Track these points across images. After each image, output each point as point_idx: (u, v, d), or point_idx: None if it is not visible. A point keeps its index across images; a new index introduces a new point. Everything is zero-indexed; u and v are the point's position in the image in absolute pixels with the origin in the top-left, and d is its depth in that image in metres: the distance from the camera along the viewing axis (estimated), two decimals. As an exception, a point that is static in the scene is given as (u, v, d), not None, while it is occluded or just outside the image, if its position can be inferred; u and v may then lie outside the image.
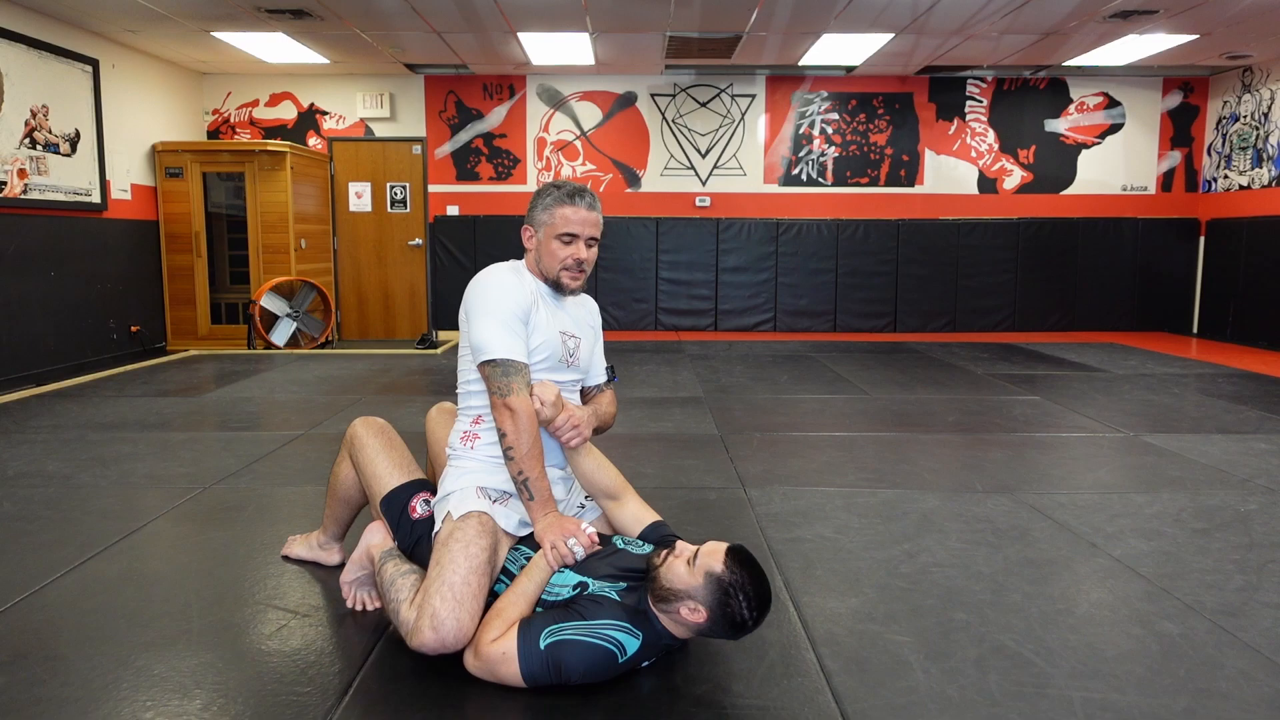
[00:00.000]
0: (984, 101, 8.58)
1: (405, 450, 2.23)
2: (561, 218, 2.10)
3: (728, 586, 1.71)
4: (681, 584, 1.73)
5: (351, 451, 2.23)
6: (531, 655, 1.70)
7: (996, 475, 3.39)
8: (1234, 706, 1.72)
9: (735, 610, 1.71)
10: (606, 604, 1.78)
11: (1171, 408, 4.76)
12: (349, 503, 2.32)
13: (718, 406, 4.74)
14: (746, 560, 1.76)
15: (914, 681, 1.81)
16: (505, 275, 2.11)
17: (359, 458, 2.20)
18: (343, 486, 2.29)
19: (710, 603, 1.71)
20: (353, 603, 2.17)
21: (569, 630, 1.72)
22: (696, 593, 1.72)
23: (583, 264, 2.14)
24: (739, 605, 1.71)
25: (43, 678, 1.80)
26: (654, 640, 1.77)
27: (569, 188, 2.13)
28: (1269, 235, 7.66)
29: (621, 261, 8.65)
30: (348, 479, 2.27)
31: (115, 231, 7.09)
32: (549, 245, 2.11)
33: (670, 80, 8.53)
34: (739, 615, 1.71)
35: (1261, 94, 7.79)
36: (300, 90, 8.52)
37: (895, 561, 2.48)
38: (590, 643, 1.70)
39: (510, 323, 2.03)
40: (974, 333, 8.55)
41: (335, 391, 5.15)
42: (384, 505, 2.13)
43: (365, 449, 2.19)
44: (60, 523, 2.78)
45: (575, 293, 2.21)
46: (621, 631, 1.73)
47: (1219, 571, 2.42)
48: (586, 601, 1.80)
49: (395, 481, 2.15)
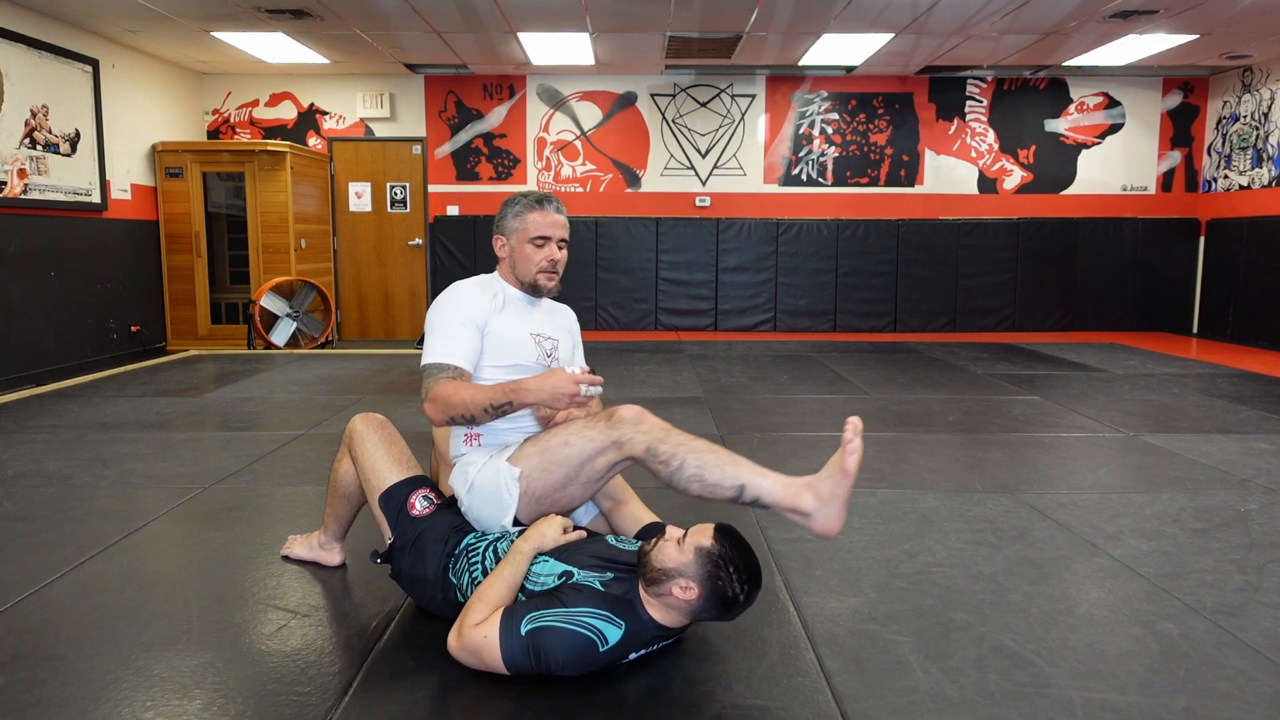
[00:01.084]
0: (984, 101, 8.58)
1: (405, 446, 2.22)
2: (533, 223, 2.21)
3: (718, 559, 1.73)
4: (672, 563, 1.75)
5: (351, 447, 2.22)
6: (513, 641, 1.71)
7: (996, 475, 3.39)
8: (1234, 706, 1.72)
9: (725, 584, 1.73)
10: (589, 593, 1.79)
11: (1171, 408, 4.76)
12: (349, 499, 2.32)
13: (718, 406, 4.74)
14: (734, 536, 1.79)
15: (914, 681, 1.81)
16: (459, 288, 2.22)
17: (358, 453, 2.19)
18: (343, 483, 2.28)
19: (701, 577, 1.73)
20: None
21: (549, 617, 1.72)
22: (688, 569, 1.74)
23: (556, 264, 2.24)
24: (729, 579, 1.73)
25: (43, 678, 1.80)
26: (638, 630, 1.77)
27: (535, 195, 2.25)
28: (1269, 235, 7.66)
29: (621, 261, 8.66)
30: (348, 475, 2.26)
31: (115, 231, 7.10)
32: (523, 250, 2.22)
33: (670, 80, 8.53)
34: (730, 589, 1.73)
35: (1261, 94, 7.80)
36: (300, 90, 8.52)
37: (895, 561, 2.48)
38: (570, 629, 1.70)
39: (451, 329, 2.11)
40: (974, 333, 8.55)
41: (335, 391, 5.15)
42: (382, 501, 2.12)
43: (364, 444, 2.19)
44: (60, 523, 2.78)
45: (552, 294, 2.30)
46: (602, 620, 1.73)
47: (1219, 571, 2.42)
48: (570, 590, 1.80)
49: (394, 478, 2.14)
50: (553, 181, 8.64)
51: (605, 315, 8.70)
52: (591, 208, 8.66)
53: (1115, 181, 8.70)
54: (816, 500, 1.84)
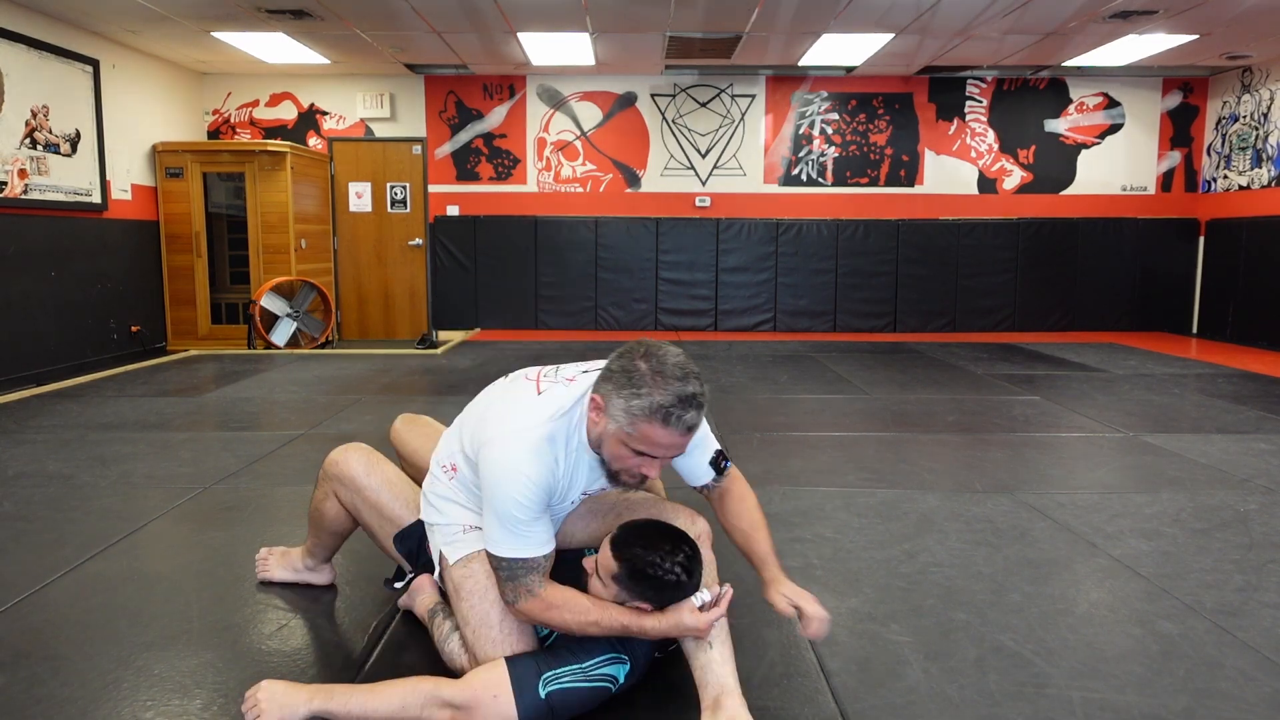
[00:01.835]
0: (984, 102, 8.58)
1: (400, 475, 2.08)
2: (648, 438, 1.60)
3: (638, 572, 1.62)
4: (611, 596, 1.67)
5: (345, 494, 2.04)
6: (533, 704, 1.62)
7: (996, 475, 3.39)
8: (1234, 706, 1.72)
9: (663, 580, 1.62)
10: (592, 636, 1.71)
11: (1171, 408, 4.76)
12: (340, 534, 2.16)
13: (718, 406, 4.74)
14: (629, 538, 1.66)
15: (914, 681, 1.81)
16: (522, 468, 1.64)
17: (357, 501, 2.02)
18: (330, 521, 2.10)
19: (642, 593, 1.64)
20: None
21: (567, 678, 1.65)
22: (624, 596, 1.66)
23: (648, 480, 1.75)
24: (662, 573, 1.61)
25: (43, 678, 1.81)
26: (641, 658, 1.73)
27: (674, 396, 1.56)
28: (1269, 235, 7.66)
29: (621, 261, 8.66)
30: (335, 515, 2.08)
31: (115, 231, 7.10)
32: (618, 449, 1.65)
33: (670, 80, 8.53)
34: (669, 577, 1.62)
35: (1261, 94, 7.79)
36: (300, 90, 8.52)
37: (895, 561, 2.48)
38: (589, 687, 1.66)
39: (525, 525, 1.65)
40: (974, 333, 8.55)
41: (335, 391, 5.15)
42: (397, 541, 1.99)
43: (363, 492, 2.01)
44: (60, 523, 2.78)
45: None
46: (613, 664, 1.69)
47: (1219, 571, 2.42)
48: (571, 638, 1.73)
49: (406, 518, 1.99)
50: (553, 181, 8.64)
51: (605, 315, 8.70)
52: (591, 208, 8.66)
53: (1115, 182, 8.70)
54: None
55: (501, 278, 8.67)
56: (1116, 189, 8.70)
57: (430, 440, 2.17)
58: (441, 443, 1.95)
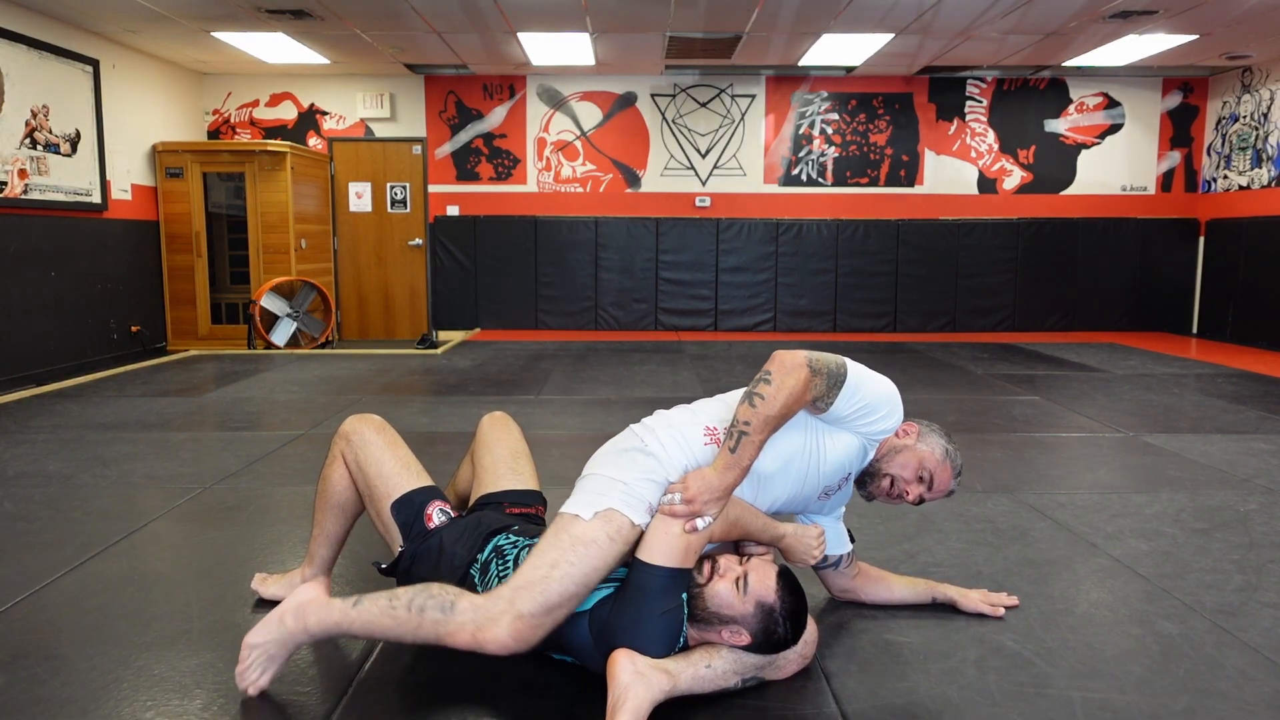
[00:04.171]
0: (984, 102, 8.58)
1: (409, 450, 2.06)
2: (938, 472, 1.91)
3: (778, 616, 1.69)
4: (729, 610, 1.69)
5: (351, 450, 2.01)
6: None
7: (996, 475, 3.39)
8: (1234, 706, 1.72)
9: (774, 631, 1.70)
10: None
11: (1171, 408, 4.76)
12: (344, 511, 2.07)
13: (718, 406, 4.73)
14: (794, 587, 1.74)
15: (914, 681, 1.81)
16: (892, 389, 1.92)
17: (361, 456, 1.98)
18: (336, 492, 2.04)
19: (756, 629, 1.69)
20: (250, 677, 1.70)
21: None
22: (745, 620, 1.69)
23: (902, 499, 1.98)
24: (783, 629, 1.70)
25: (43, 678, 1.80)
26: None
27: (959, 470, 1.98)
28: (1269, 235, 7.66)
29: (621, 261, 8.66)
30: (342, 483, 2.03)
31: (115, 231, 7.10)
32: (909, 465, 1.91)
33: (670, 80, 8.54)
34: (777, 635, 1.70)
35: (1261, 94, 7.80)
36: (300, 90, 8.52)
37: (895, 561, 2.48)
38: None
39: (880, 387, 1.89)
40: (974, 333, 8.55)
41: (335, 391, 5.15)
42: (395, 508, 1.94)
43: (368, 447, 1.98)
44: (60, 523, 2.78)
45: None
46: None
47: (1219, 571, 2.42)
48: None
49: (408, 484, 1.95)
50: (553, 181, 8.65)
51: (605, 315, 8.70)
52: (591, 208, 8.66)
53: (1115, 182, 8.70)
54: None
55: (501, 278, 8.67)
56: (1116, 189, 8.71)
57: (517, 439, 2.23)
58: (708, 406, 1.92)
